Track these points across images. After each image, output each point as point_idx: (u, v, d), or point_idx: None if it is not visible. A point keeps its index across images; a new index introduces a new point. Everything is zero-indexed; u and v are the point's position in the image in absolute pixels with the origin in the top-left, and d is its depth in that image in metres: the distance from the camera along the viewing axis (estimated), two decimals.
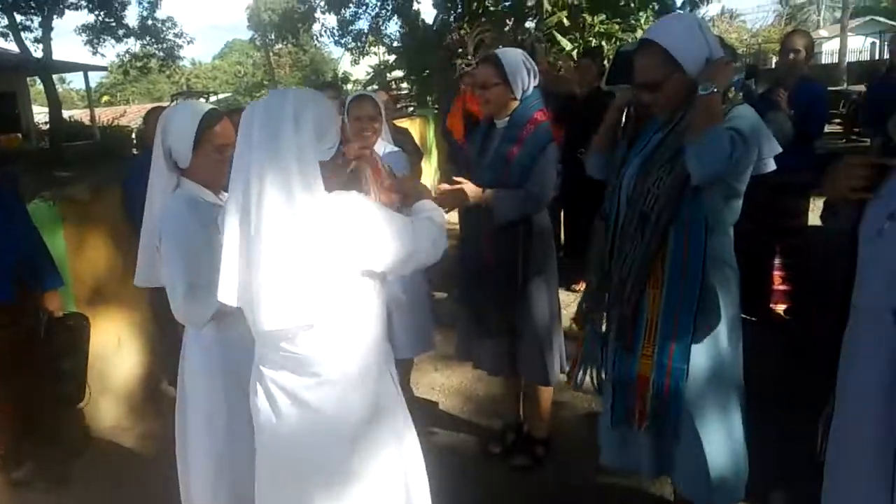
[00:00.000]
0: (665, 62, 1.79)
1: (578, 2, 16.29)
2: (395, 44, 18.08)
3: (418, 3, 17.14)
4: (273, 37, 21.18)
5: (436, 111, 10.70)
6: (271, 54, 27.01)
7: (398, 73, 17.96)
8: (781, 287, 3.99)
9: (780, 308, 4.00)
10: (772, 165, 1.86)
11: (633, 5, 16.90)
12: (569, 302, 4.24)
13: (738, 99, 1.87)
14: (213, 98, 27.57)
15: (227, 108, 2.71)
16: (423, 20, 17.32)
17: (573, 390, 2.39)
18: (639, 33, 16.68)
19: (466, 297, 2.73)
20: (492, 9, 16.78)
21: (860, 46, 27.85)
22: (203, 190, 1.96)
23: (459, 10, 17.10)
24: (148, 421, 3.52)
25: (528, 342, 2.61)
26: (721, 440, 1.84)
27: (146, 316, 3.65)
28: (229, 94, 41.10)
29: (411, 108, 14.48)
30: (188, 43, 22.35)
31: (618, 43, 15.56)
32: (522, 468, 2.81)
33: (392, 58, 18.31)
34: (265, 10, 26.00)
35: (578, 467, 2.72)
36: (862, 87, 12.97)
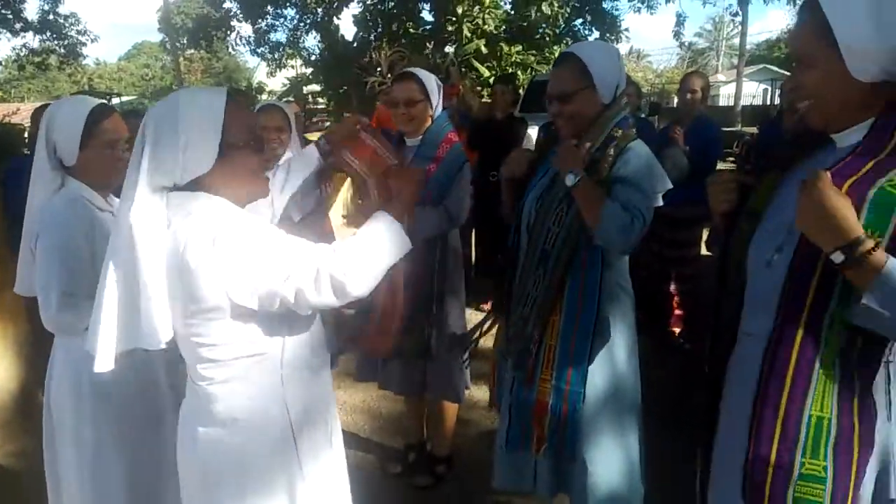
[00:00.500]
0: (581, 75, 1.83)
1: (497, 31, 16.71)
2: (314, 58, 17.91)
3: (338, 19, 17.08)
4: (185, 41, 20.39)
5: None
6: (182, 59, 26.08)
7: (315, 87, 17.73)
8: (678, 311, 4.19)
9: (677, 331, 4.20)
10: (659, 201, 1.92)
11: (548, 39, 17.48)
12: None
13: (633, 135, 1.91)
14: (116, 100, 26.30)
15: (123, 111, 2.58)
16: (342, 36, 17.24)
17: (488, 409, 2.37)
18: None
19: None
20: (412, 31, 16.94)
21: (754, 91, 30.07)
22: (89, 191, 1.84)
23: (380, 30, 17.16)
24: (18, 437, 3.26)
25: (441, 361, 2.59)
26: (617, 460, 1.89)
27: (22, 326, 3.39)
28: (135, 97, 39.38)
29: (327, 123, 14.34)
30: (92, 41, 21.25)
31: (532, 73, 16.09)
32: (424, 487, 2.79)
33: (309, 71, 18.08)
34: (178, 13, 25.09)
35: (480, 485, 2.72)
36: (754, 129, 14.03)
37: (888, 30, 1.14)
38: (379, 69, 11.79)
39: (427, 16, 17.16)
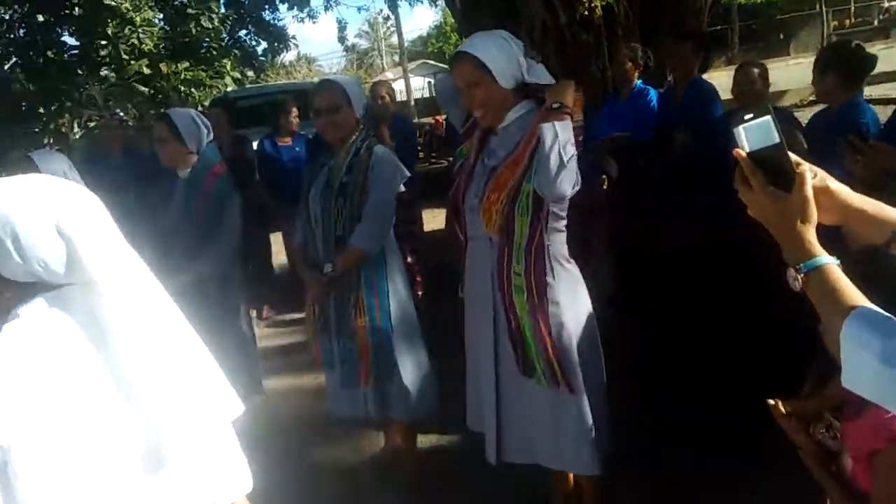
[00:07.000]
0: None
1: (157, 50, 16.35)
2: None
3: None
4: None
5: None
6: None
7: None
8: (418, 276, 5.17)
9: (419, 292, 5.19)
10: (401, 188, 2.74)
11: (214, 53, 17.53)
12: None
13: (375, 142, 2.63)
14: None
15: None
16: None
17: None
18: (227, 79, 17.54)
19: None
20: (54, 58, 15.81)
21: (420, 85, 33.51)
22: None
23: (16, 61, 15.70)
24: None
25: (232, 371, 3.07)
26: (415, 369, 2.71)
27: None
28: None
29: None
30: None
31: (207, 89, 16.17)
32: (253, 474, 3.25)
33: None
34: None
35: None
36: (430, 119, 16.23)
37: None
38: (92, 102, 11.18)
39: (70, 40, 16.07)
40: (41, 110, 14.86)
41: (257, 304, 5.24)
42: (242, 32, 18.68)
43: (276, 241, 5.92)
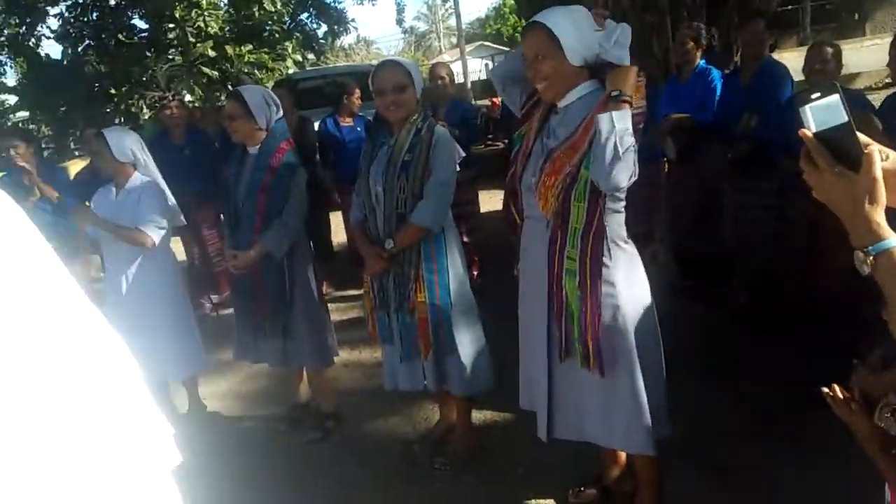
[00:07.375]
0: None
1: (222, 33, 16.71)
2: (13, 84, 16.42)
3: (38, 39, 15.86)
4: None
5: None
6: None
7: (25, 115, 16.37)
8: (475, 256, 5.22)
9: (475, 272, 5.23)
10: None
11: (276, 36, 17.86)
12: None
13: (434, 122, 2.68)
14: None
15: None
16: (48, 55, 16.08)
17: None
18: (289, 62, 17.82)
19: (243, 309, 3.26)
20: (125, 41, 16.31)
21: (478, 67, 33.37)
22: None
23: (88, 43, 16.28)
24: None
25: (300, 337, 3.19)
26: (472, 345, 2.77)
27: None
28: None
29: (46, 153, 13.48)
30: None
31: (269, 72, 16.45)
32: (314, 441, 3.34)
33: (13, 100, 16.57)
34: None
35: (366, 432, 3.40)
36: (487, 102, 16.19)
37: None
38: (156, 83, 11.57)
39: (139, 23, 16.59)
40: (112, 91, 15.40)
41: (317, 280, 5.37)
42: (304, 16, 18.99)
43: (336, 220, 6.03)
